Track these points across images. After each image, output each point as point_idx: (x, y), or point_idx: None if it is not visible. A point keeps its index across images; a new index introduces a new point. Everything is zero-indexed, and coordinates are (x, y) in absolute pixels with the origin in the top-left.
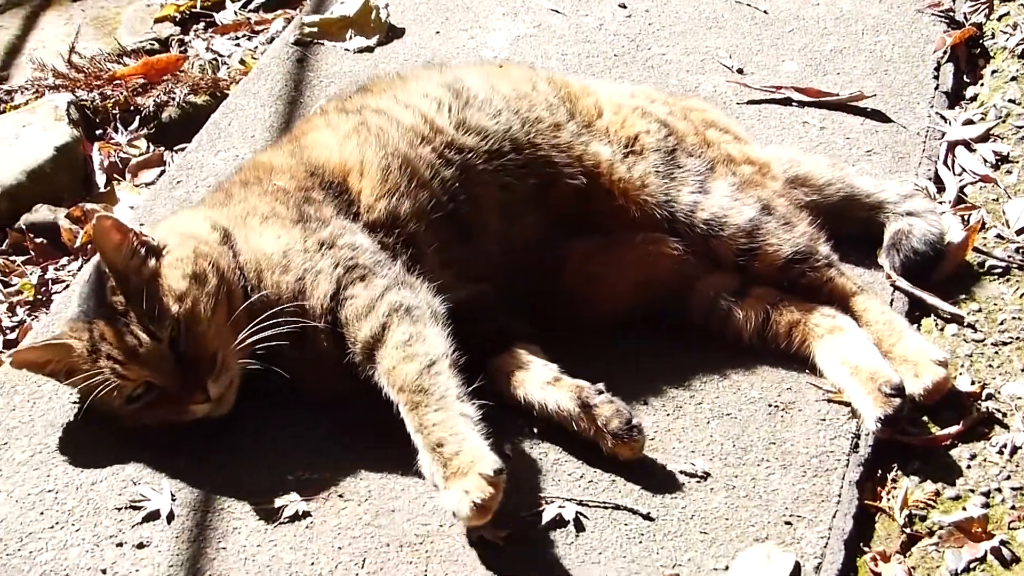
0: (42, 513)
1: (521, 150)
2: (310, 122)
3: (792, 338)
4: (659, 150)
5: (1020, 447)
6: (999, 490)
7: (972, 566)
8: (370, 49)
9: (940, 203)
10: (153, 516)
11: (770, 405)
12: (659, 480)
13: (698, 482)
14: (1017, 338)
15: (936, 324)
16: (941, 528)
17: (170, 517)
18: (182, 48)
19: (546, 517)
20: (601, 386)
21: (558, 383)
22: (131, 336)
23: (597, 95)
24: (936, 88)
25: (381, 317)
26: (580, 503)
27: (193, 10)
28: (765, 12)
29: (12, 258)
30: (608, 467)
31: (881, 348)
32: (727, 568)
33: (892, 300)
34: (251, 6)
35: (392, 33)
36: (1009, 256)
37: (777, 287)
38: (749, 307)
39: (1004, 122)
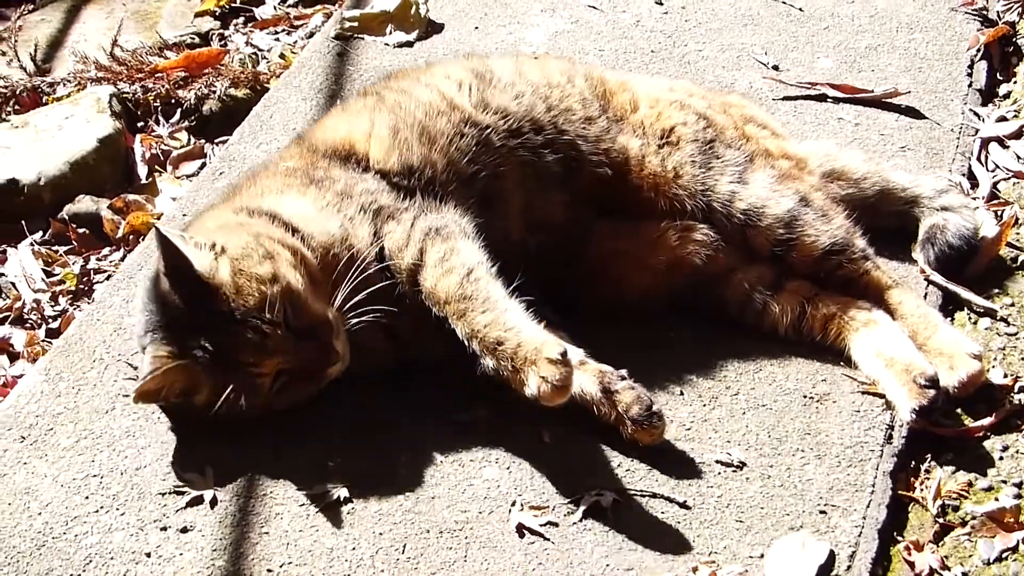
0: (87, 497)
1: (541, 130)
2: (327, 112)
3: (828, 331)
4: (696, 140)
5: None
6: None
7: (1004, 555)
8: (410, 44)
9: (974, 199)
10: (197, 501)
11: (805, 396)
12: (696, 469)
13: (734, 471)
14: None
15: (969, 318)
16: (974, 518)
17: (213, 502)
18: (222, 42)
19: (584, 504)
20: (624, 372)
21: (583, 367)
22: (253, 333)
23: (634, 90)
24: (970, 85)
25: (417, 244)
26: (618, 491)
27: (233, 5)
28: (800, 10)
29: (55, 248)
30: (645, 456)
31: (916, 341)
32: (762, 556)
33: (926, 294)
34: (290, 1)
35: (431, 28)
36: None
37: (812, 279)
38: (785, 301)
39: None
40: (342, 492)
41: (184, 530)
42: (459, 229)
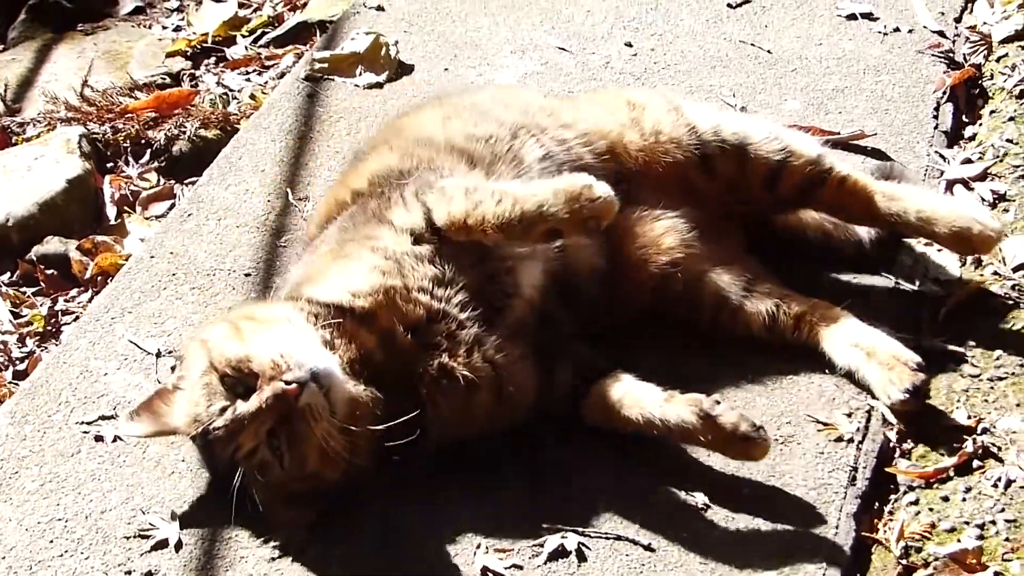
0: (51, 541)
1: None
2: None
3: (800, 329)
4: (658, 97)
5: (1014, 480)
6: (993, 522)
7: None
8: (379, 85)
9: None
10: (161, 545)
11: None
12: (660, 511)
13: (698, 513)
14: (1013, 373)
15: (934, 361)
16: (936, 559)
17: (178, 546)
18: (193, 82)
19: (548, 547)
20: (717, 397)
21: (672, 399)
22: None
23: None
24: (935, 127)
25: (417, 202)
26: (582, 533)
27: (204, 45)
28: (768, 52)
29: (23, 289)
30: (609, 497)
31: (926, 220)
32: None
33: None
34: (262, 42)
35: (401, 70)
36: (1006, 293)
37: (800, 204)
38: (757, 302)
39: (1002, 161)
40: (305, 535)
41: (149, 574)
42: (437, 176)
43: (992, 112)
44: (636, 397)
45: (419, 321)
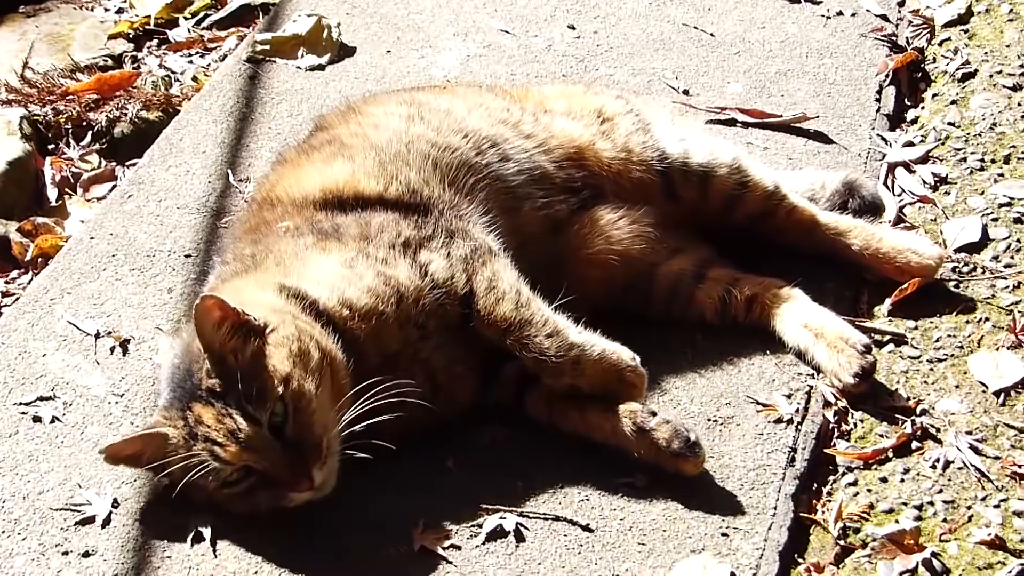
0: None
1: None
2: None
3: (752, 311)
4: (627, 112)
5: (952, 462)
6: (931, 503)
7: None
8: (321, 67)
9: (880, 223)
10: (98, 525)
11: (709, 419)
12: (598, 492)
13: (637, 494)
14: (952, 355)
15: (876, 343)
16: (874, 540)
17: (116, 526)
18: (135, 64)
19: (487, 528)
20: (654, 407)
21: (612, 406)
22: (230, 420)
23: (540, 90)
24: (878, 111)
25: (462, 274)
26: (521, 514)
27: (147, 27)
28: (711, 35)
29: None
30: (549, 480)
31: (869, 249)
32: None
33: None
34: (204, 24)
35: (343, 52)
36: (945, 275)
37: (751, 227)
38: (710, 288)
39: (943, 144)
40: (245, 519)
41: (86, 554)
42: (488, 248)
43: (934, 95)
44: (578, 399)
45: (390, 350)
